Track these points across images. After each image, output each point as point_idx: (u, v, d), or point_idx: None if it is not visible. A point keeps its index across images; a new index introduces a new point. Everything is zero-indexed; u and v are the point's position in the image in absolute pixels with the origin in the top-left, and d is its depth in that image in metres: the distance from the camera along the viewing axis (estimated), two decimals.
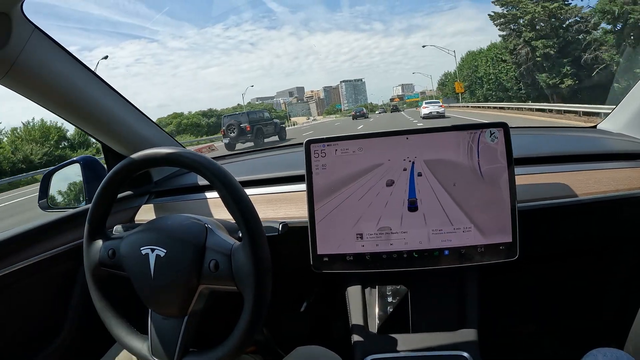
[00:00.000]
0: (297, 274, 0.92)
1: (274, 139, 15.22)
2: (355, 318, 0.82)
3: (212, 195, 0.96)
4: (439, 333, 0.77)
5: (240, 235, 0.61)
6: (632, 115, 0.94)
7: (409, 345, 0.76)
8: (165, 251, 0.58)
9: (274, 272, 0.57)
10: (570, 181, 0.79)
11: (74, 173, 1.01)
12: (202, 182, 1.00)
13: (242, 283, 0.55)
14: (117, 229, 0.73)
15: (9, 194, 12.32)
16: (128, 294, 0.62)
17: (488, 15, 22.31)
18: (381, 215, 0.72)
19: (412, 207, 0.72)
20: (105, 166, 1.02)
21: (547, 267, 1.08)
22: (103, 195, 0.64)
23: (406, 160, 0.72)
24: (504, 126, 0.71)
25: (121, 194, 1.01)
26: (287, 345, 0.83)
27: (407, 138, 0.72)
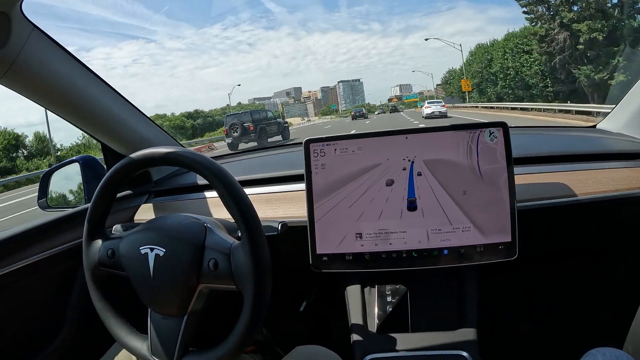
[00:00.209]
0: (296, 274, 0.92)
1: (277, 138, 14.86)
2: (355, 317, 0.82)
3: (211, 194, 0.96)
4: (438, 332, 0.77)
5: (239, 234, 0.61)
6: (632, 114, 0.94)
7: (408, 345, 0.76)
8: (164, 250, 0.58)
9: (273, 272, 0.57)
10: (569, 181, 0.79)
11: (73, 172, 1.01)
12: (202, 181, 0.99)
13: (241, 282, 0.55)
14: (117, 228, 0.73)
15: None
16: (127, 293, 0.62)
17: None
18: (380, 214, 0.72)
19: (412, 206, 0.72)
20: (105, 165, 1.02)
21: (547, 266, 1.08)
22: (102, 195, 0.64)
23: (405, 159, 0.72)
24: (503, 126, 0.71)
25: (120, 194, 1.01)
26: (287, 344, 0.83)
27: (407, 138, 0.72)
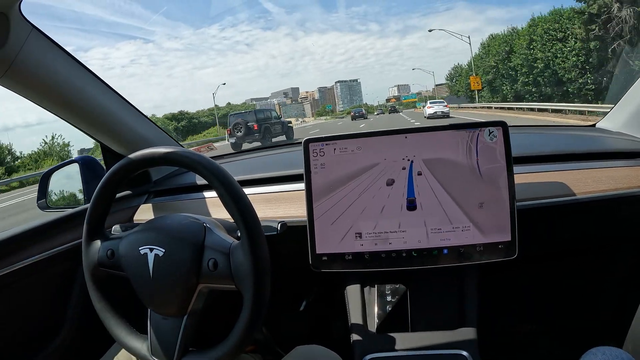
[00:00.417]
0: (296, 274, 0.92)
1: (281, 138, 14.51)
2: (355, 317, 0.82)
3: (210, 194, 0.96)
4: (438, 332, 0.77)
5: (238, 234, 0.61)
6: (631, 113, 0.94)
7: (408, 344, 0.76)
8: (163, 250, 0.58)
9: (273, 272, 0.57)
10: (569, 180, 0.79)
11: (72, 173, 1.01)
12: (201, 181, 0.99)
13: (241, 282, 0.55)
14: (116, 228, 0.72)
15: None
16: (127, 294, 0.62)
17: None
18: (380, 214, 0.72)
19: (411, 206, 0.72)
20: (104, 166, 1.02)
21: (547, 266, 1.08)
22: (101, 195, 0.64)
23: (405, 159, 0.72)
24: (502, 125, 0.71)
25: (120, 194, 1.00)
26: (287, 344, 0.83)
27: (406, 137, 0.72)
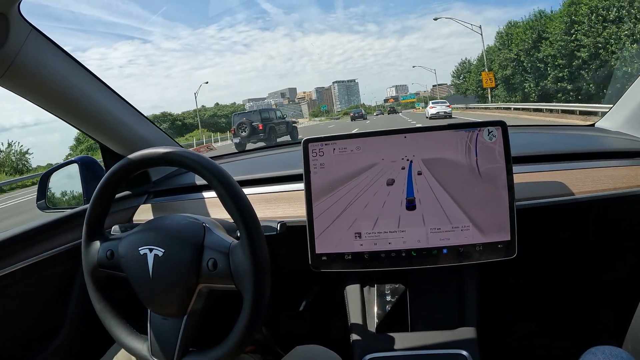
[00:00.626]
0: (295, 274, 0.92)
1: (286, 138, 14.19)
2: (354, 317, 0.82)
3: (210, 194, 0.96)
4: (438, 332, 0.77)
5: (238, 234, 0.61)
6: (630, 113, 0.94)
7: (407, 344, 0.76)
8: (163, 251, 0.58)
9: (272, 272, 0.57)
10: (568, 180, 0.79)
11: (72, 173, 1.01)
12: (200, 181, 0.99)
13: (240, 282, 0.55)
14: (115, 229, 0.72)
15: None
16: (127, 294, 0.62)
17: None
18: (379, 214, 0.72)
19: (410, 205, 0.72)
20: (104, 166, 1.02)
21: (546, 265, 1.08)
22: (101, 196, 0.64)
23: (404, 159, 0.72)
24: (501, 125, 0.71)
25: (119, 194, 1.00)
26: (286, 344, 0.83)
27: (405, 137, 0.72)
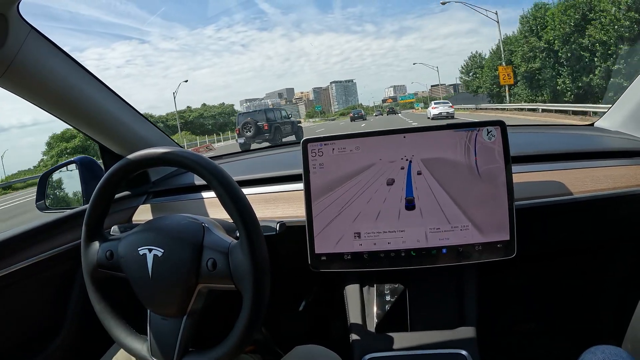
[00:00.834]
0: (295, 274, 0.92)
1: (291, 138, 14.03)
2: (354, 317, 0.82)
3: (209, 195, 0.96)
4: (437, 331, 0.77)
5: (237, 234, 0.61)
6: (630, 113, 0.94)
7: (407, 344, 0.77)
8: (162, 251, 0.58)
9: (272, 272, 0.57)
10: (567, 179, 0.79)
11: (71, 174, 1.01)
12: (200, 181, 0.99)
13: (240, 282, 0.55)
14: (115, 229, 0.72)
15: None
16: (127, 294, 0.62)
17: None
18: (378, 214, 0.72)
19: (410, 205, 0.72)
20: (103, 166, 1.02)
21: (546, 265, 1.08)
22: (100, 196, 0.64)
23: (403, 159, 0.72)
24: (501, 124, 0.71)
25: (119, 194, 1.00)
26: (286, 344, 0.83)
27: (404, 137, 0.72)
